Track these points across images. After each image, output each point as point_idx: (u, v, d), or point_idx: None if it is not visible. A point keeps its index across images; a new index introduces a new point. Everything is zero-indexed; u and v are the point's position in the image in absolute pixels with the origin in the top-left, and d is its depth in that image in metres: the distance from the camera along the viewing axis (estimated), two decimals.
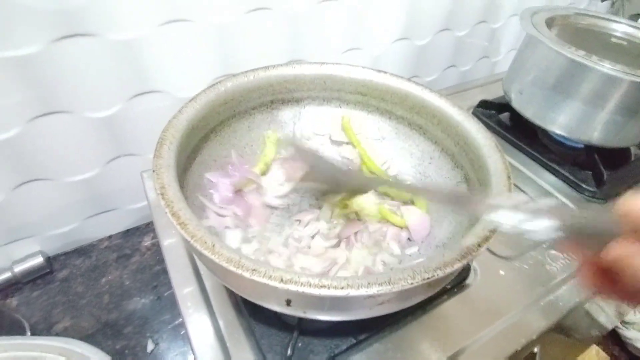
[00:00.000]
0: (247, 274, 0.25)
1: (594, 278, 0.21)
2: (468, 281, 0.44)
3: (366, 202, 0.45)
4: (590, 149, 0.59)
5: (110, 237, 0.63)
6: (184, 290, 0.42)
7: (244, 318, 0.39)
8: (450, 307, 0.42)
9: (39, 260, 0.56)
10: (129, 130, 0.54)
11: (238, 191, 0.44)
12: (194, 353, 0.37)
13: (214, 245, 0.26)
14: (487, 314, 0.41)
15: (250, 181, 0.45)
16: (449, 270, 0.26)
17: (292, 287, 0.25)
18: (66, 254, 0.61)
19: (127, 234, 0.64)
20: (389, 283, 0.25)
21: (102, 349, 0.42)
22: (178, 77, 0.53)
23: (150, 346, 0.52)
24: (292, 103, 0.50)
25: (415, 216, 0.42)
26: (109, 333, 0.54)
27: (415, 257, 0.40)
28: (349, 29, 0.63)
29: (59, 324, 0.54)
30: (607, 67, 0.50)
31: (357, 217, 0.44)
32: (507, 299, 0.43)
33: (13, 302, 0.55)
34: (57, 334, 0.53)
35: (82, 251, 0.61)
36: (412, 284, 0.26)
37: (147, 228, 0.65)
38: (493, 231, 0.30)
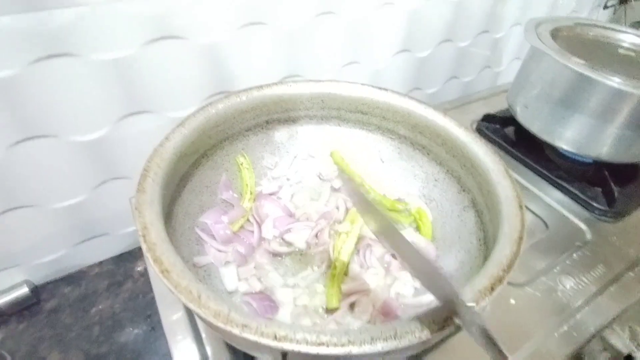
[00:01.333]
0: (236, 331, 0.22)
1: None
2: None
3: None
4: (600, 165, 0.56)
5: (100, 263, 0.61)
6: (172, 317, 0.39)
7: (236, 354, 0.36)
8: (457, 341, 0.39)
9: (24, 290, 0.53)
10: (118, 153, 0.51)
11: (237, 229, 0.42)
12: None
13: (199, 297, 0.24)
14: None
15: (245, 216, 0.43)
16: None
17: (287, 346, 0.22)
18: (54, 282, 0.58)
19: (119, 259, 0.62)
20: (395, 337, 0.23)
21: None
22: (170, 97, 0.51)
23: None
24: (288, 123, 0.47)
25: (418, 245, 0.40)
26: None
27: (422, 290, 0.37)
28: (347, 42, 0.61)
29: None
30: (616, 81, 0.48)
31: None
32: (519, 331, 0.40)
33: None
34: None
35: (71, 279, 0.59)
36: (420, 337, 0.23)
37: (141, 252, 0.62)
38: (508, 270, 0.27)
